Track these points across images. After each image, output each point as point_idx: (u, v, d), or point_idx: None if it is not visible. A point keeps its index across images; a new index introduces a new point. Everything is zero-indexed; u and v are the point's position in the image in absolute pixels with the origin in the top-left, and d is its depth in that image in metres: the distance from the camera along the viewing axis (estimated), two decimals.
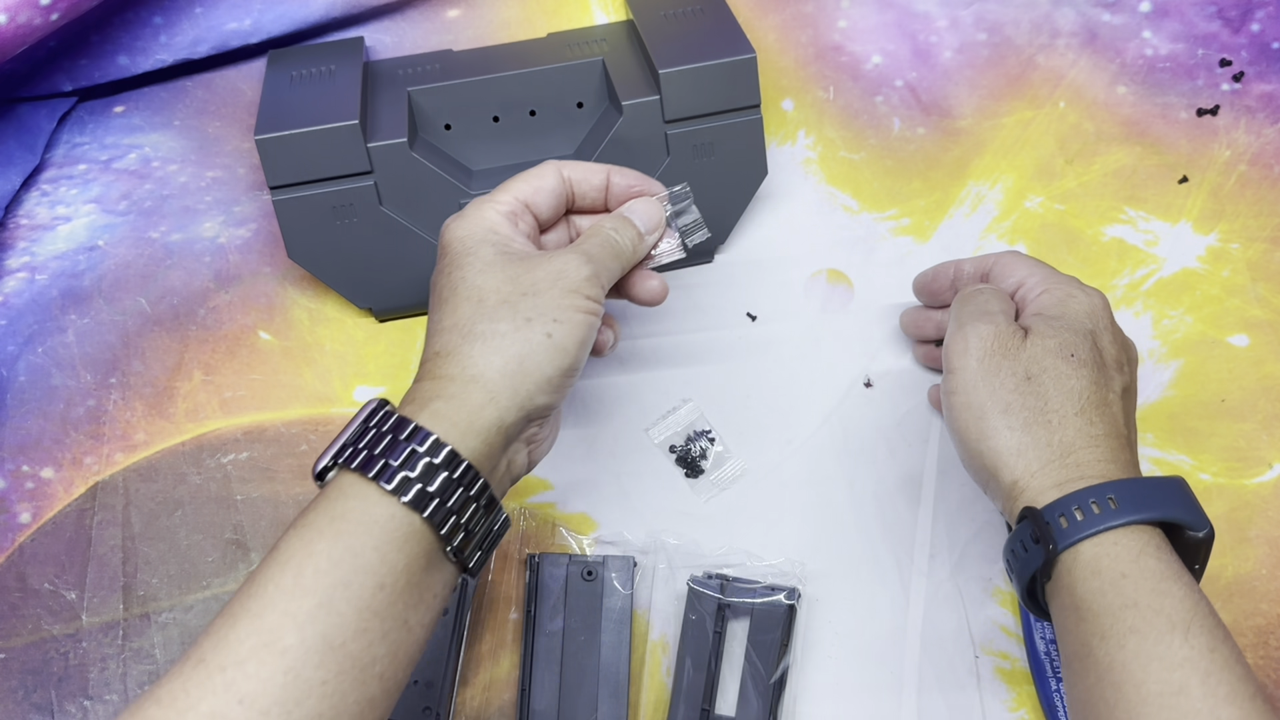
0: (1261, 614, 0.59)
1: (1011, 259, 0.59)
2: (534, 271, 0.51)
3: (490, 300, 0.50)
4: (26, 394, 0.66)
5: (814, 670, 0.58)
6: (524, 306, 0.49)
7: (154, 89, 0.75)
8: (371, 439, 0.46)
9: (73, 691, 0.58)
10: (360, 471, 0.45)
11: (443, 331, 0.50)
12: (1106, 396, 0.52)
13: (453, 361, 0.48)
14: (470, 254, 0.51)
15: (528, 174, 0.56)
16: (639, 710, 0.58)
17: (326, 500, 0.45)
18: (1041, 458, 0.50)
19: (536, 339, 0.49)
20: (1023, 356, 0.52)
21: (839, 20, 0.77)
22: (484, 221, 0.53)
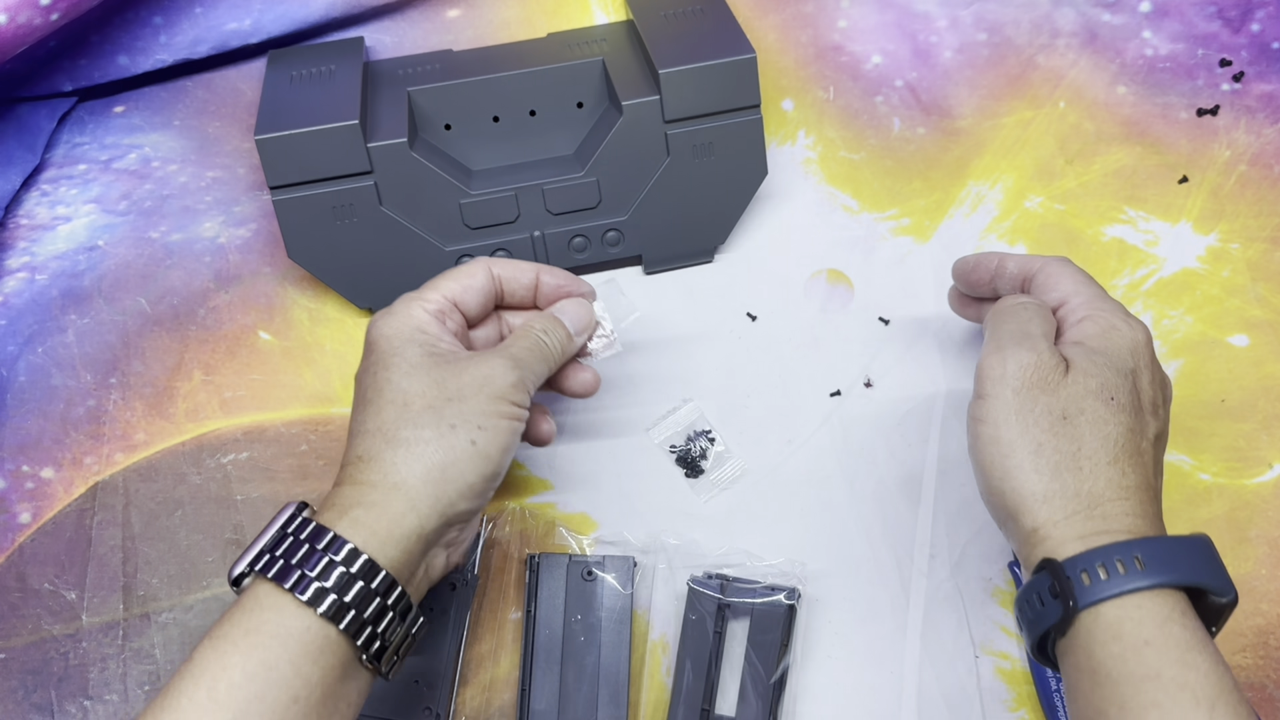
0: (1261, 614, 0.59)
1: (1059, 269, 0.55)
2: (460, 376, 0.51)
3: (415, 405, 0.49)
4: (26, 394, 0.66)
5: (814, 670, 0.58)
6: (448, 413, 0.49)
7: (154, 89, 0.75)
8: (289, 547, 0.46)
9: (73, 691, 0.58)
10: (276, 581, 0.45)
11: (366, 435, 0.50)
12: (1140, 444, 0.49)
13: (374, 467, 0.48)
14: (396, 354, 0.51)
15: (457, 272, 0.56)
16: (639, 710, 0.58)
17: (241, 611, 0.44)
18: (1068, 507, 0.47)
19: (460, 446, 0.49)
20: (1062, 394, 0.49)
21: (839, 20, 0.77)
22: (411, 320, 0.53)
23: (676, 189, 0.68)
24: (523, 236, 0.68)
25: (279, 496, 0.63)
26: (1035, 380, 0.49)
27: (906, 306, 0.69)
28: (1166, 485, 0.62)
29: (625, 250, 0.69)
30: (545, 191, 0.67)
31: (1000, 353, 0.51)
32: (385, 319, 0.53)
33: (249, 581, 0.46)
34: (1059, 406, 0.49)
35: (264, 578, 0.45)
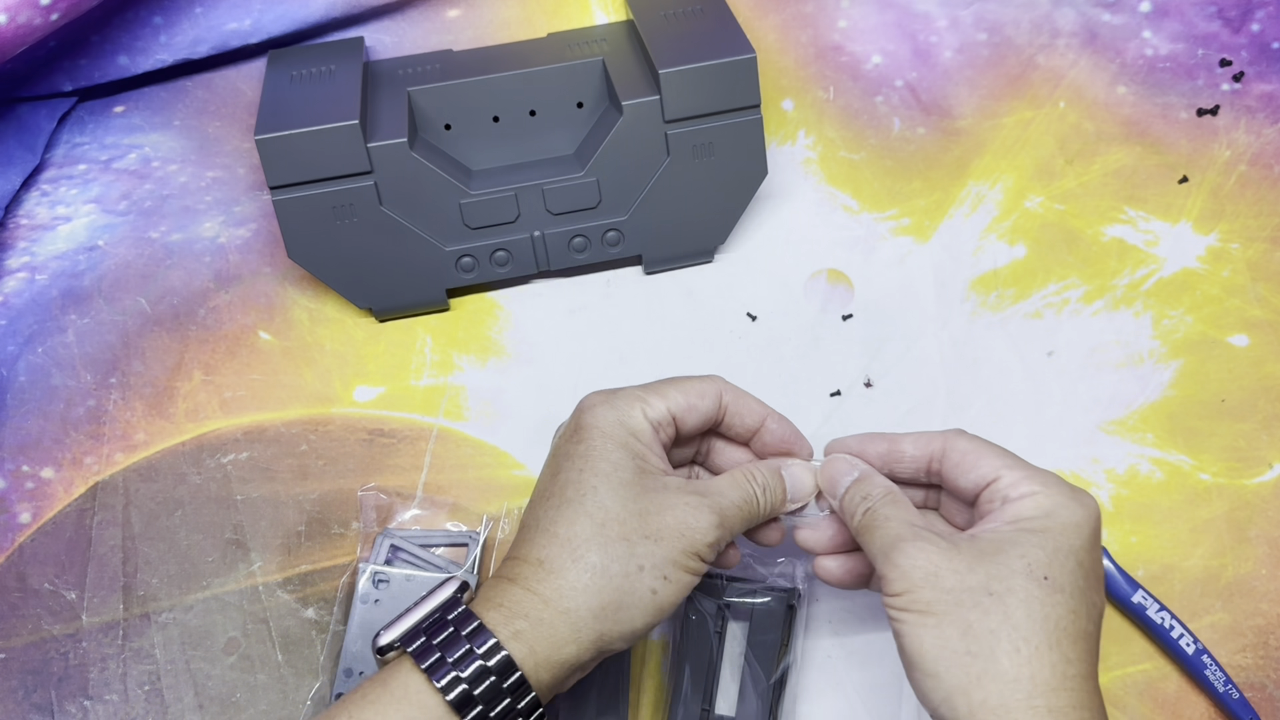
0: (1261, 614, 0.59)
1: (972, 447, 0.50)
2: (662, 515, 0.49)
3: (611, 531, 0.48)
4: (26, 394, 0.66)
5: (814, 670, 0.58)
6: (640, 552, 0.48)
7: (154, 89, 0.75)
8: (448, 638, 0.46)
9: (73, 691, 0.58)
10: (427, 674, 0.45)
11: (554, 539, 0.48)
12: (1087, 628, 0.45)
13: (551, 583, 0.47)
14: (608, 459, 0.49)
15: (688, 386, 0.53)
16: (639, 710, 0.58)
17: (389, 696, 0.45)
18: (1009, 699, 0.43)
19: (640, 592, 0.48)
20: (978, 573, 0.44)
21: (839, 20, 0.77)
22: (631, 422, 0.51)
23: (676, 189, 0.68)
24: (523, 237, 0.68)
25: (279, 496, 0.63)
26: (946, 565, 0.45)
27: (906, 306, 0.69)
28: (1166, 485, 0.62)
29: (625, 250, 0.69)
30: (545, 191, 0.67)
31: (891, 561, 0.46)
32: (606, 409, 0.51)
33: (395, 656, 0.47)
34: (978, 583, 0.44)
35: (416, 665, 0.46)
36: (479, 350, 0.68)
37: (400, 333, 0.69)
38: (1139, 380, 0.65)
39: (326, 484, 0.63)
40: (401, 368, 0.67)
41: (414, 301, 0.69)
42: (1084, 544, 0.46)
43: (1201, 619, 0.59)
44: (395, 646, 0.47)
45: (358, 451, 0.64)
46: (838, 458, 0.53)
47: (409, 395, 0.66)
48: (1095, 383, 0.66)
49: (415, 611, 0.48)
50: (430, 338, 0.69)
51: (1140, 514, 0.62)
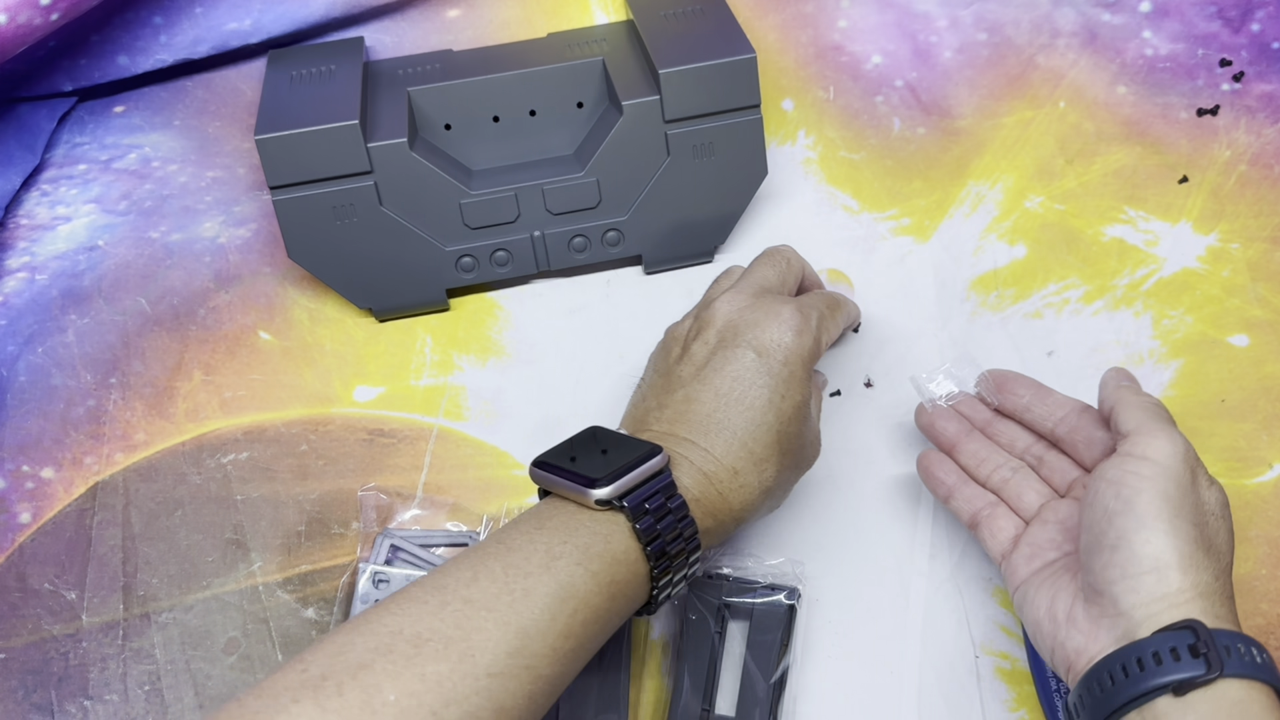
0: (1261, 614, 0.59)
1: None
2: (808, 448, 0.57)
3: (787, 459, 0.54)
4: (26, 394, 0.66)
5: (814, 670, 0.58)
6: (790, 479, 0.56)
7: (154, 89, 0.75)
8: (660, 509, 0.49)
9: (73, 691, 0.58)
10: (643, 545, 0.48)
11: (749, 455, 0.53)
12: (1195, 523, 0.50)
13: (740, 496, 0.53)
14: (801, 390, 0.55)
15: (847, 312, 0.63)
16: (639, 710, 0.58)
17: (610, 557, 0.48)
18: (1206, 584, 0.47)
19: (771, 505, 0.56)
20: (1201, 491, 0.50)
21: (839, 20, 0.77)
22: (818, 352, 0.57)
23: (676, 189, 0.68)
24: (523, 236, 0.68)
25: (279, 496, 0.63)
26: (1195, 465, 0.50)
27: (906, 306, 0.69)
28: None
29: (625, 250, 0.69)
30: (545, 191, 0.67)
31: (1171, 432, 0.50)
32: (807, 337, 0.56)
33: (613, 515, 0.49)
34: (1198, 500, 0.49)
35: (634, 531, 0.48)
36: (479, 350, 0.68)
37: (400, 333, 0.69)
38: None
39: (326, 484, 0.63)
40: (401, 368, 0.67)
41: (414, 301, 0.69)
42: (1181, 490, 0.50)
43: None
44: (615, 503, 0.49)
45: (358, 451, 0.64)
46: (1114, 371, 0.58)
47: (409, 395, 0.66)
48: (1095, 383, 0.65)
49: (636, 473, 0.49)
50: (430, 338, 0.69)
51: None
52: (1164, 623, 0.46)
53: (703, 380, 0.54)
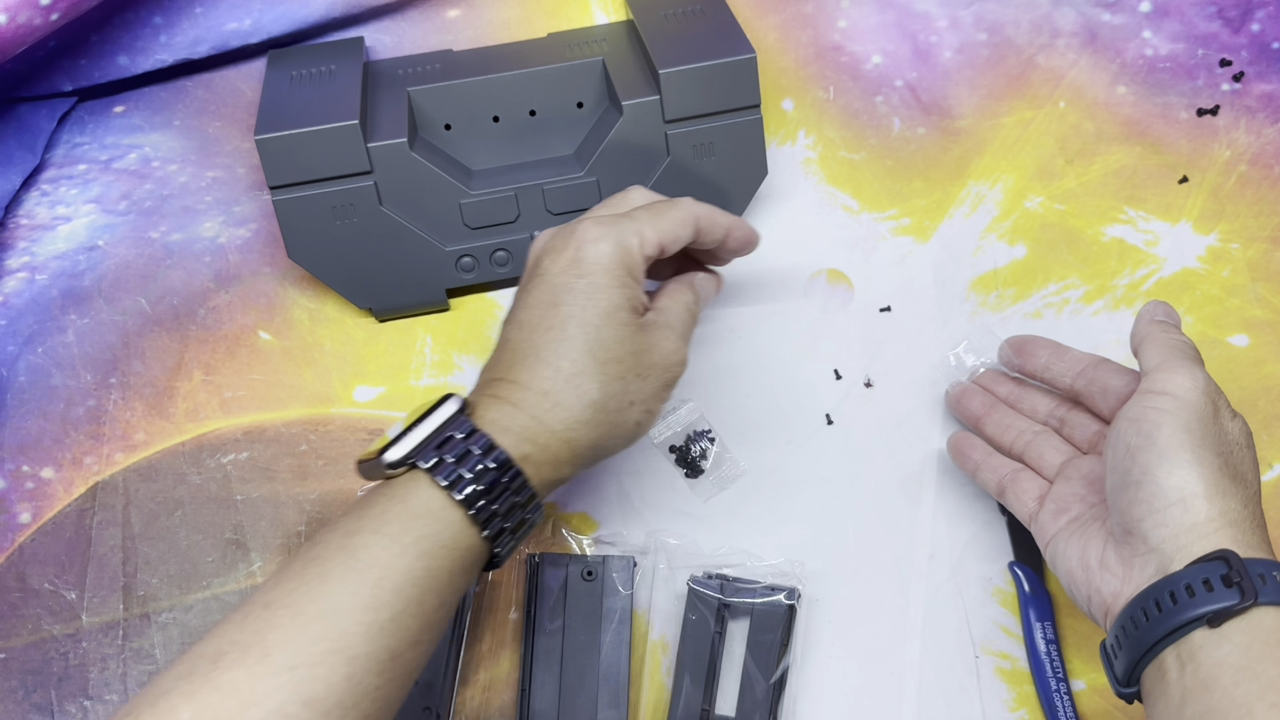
0: None
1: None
2: (650, 352, 0.52)
3: (611, 369, 0.51)
4: (26, 394, 0.66)
5: (814, 670, 0.58)
6: (632, 389, 0.51)
7: (154, 89, 0.75)
8: (461, 455, 0.47)
9: (73, 691, 0.58)
10: (447, 490, 0.46)
11: (557, 372, 0.50)
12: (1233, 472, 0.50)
13: (556, 415, 0.50)
14: (609, 297, 0.51)
15: (672, 214, 0.54)
16: (639, 710, 0.58)
17: (410, 513, 0.46)
18: (1236, 512, 0.48)
19: (628, 424, 0.52)
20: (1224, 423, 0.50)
21: (839, 20, 0.77)
22: (631, 259, 0.52)
23: (676, 189, 0.68)
24: (523, 236, 0.68)
25: (279, 496, 0.63)
26: (1216, 398, 0.50)
27: (906, 307, 0.69)
28: None
29: None
30: (545, 191, 0.67)
31: (1191, 368, 0.51)
32: (607, 245, 0.52)
33: (404, 473, 0.47)
34: (1220, 431, 0.49)
35: (434, 480, 0.46)
36: (479, 350, 0.68)
37: (400, 333, 0.69)
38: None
39: (326, 484, 0.63)
40: (401, 368, 0.67)
41: (414, 301, 0.69)
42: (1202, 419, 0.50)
43: None
44: (407, 463, 0.47)
45: (357, 451, 0.64)
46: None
47: (409, 395, 0.66)
48: None
49: (421, 427, 0.48)
50: (430, 338, 0.69)
51: None
52: (1197, 554, 0.46)
53: (511, 318, 0.53)
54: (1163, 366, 0.51)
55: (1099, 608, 0.50)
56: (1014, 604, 0.60)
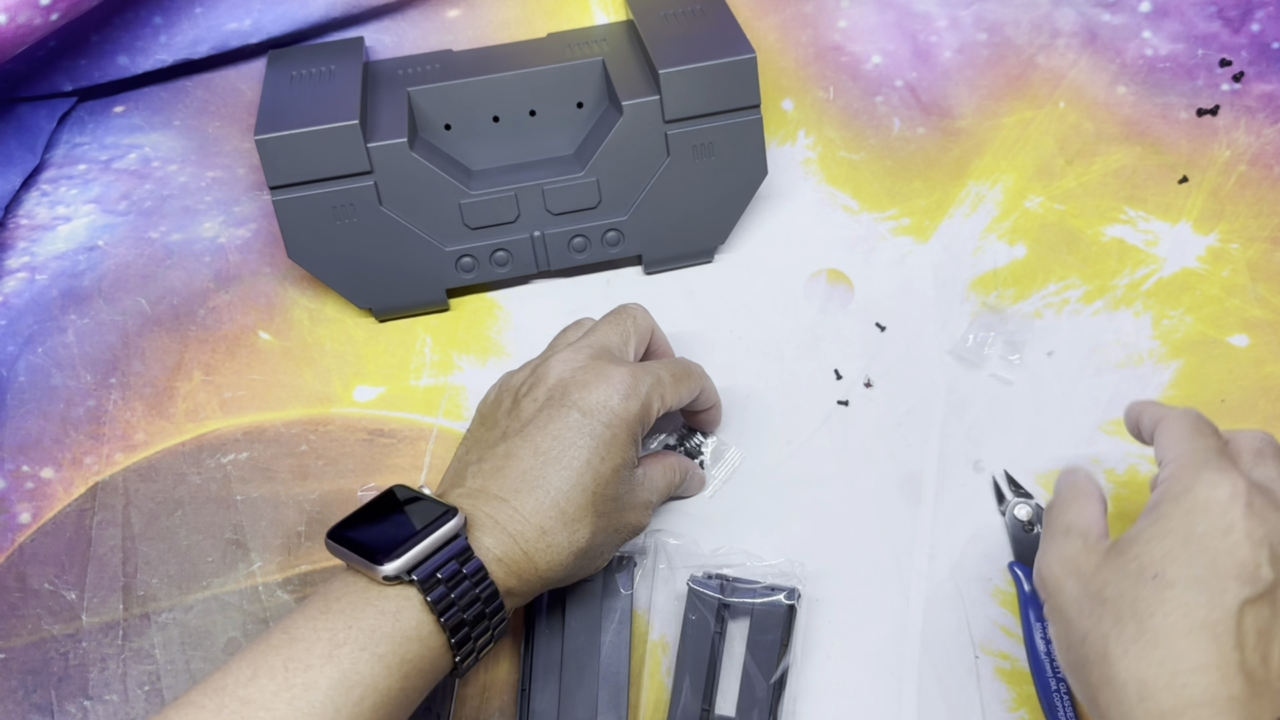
0: None
1: (1169, 426, 0.49)
2: (632, 512, 0.55)
3: (603, 522, 0.53)
4: (26, 394, 0.66)
5: (814, 670, 0.58)
6: (609, 541, 0.54)
7: (154, 89, 0.75)
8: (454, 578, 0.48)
9: (73, 691, 0.58)
10: (437, 616, 0.47)
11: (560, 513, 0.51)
12: (1208, 617, 0.42)
13: (547, 556, 0.51)
14: (620, 452, 0.53)
15: (690, 385, 0.58)
16: (639, 710, 0.58)
17: (400, 635, 0.46)
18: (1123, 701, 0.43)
19: (589, 569, 0.54)
20: (1098, 578, 0.45)
21: (839, 20, 0.77)
22: (647, 418, 0.55)
23: (676, 189, 0.68)
24: (523, 237, 0.68)
25: (279, 496, 0.63)
26: (1073, 570, 0.47)
27: (906, 307, 0.69)
28: None
29: (625, 250, 0.69)
30: (545, 191, 0.67)
31: (1043, 552, 0.49)
32: (632, 402, 0.53)
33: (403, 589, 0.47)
34: (1096, 589, 0.45)
35: (426, 604, 0.47)
36: (479, 350, 0.68)
37: (400, 333, 0.69)
38: (1139, 380, 0.65)
39: (326, 484, 0.63)
40: (401, 368, 0.67)
41: (414, 301, 0.69)
42: (1206, 531, 0.44)
43: None
44: (403, 578, 0.47)
45: (358, 451, 0.64)
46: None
47: (409, 395, 0.66)
48: (1095, 383, 0.66)
49: (423, 543, 0.48)
50: (430, 338, 0.69)
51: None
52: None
53: (525, 437, 0.52)
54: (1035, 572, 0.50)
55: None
56: (1014, 604, 0.60)
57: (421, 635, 0.47)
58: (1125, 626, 0.43)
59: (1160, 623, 0.43)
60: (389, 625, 0.46)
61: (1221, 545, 0.44)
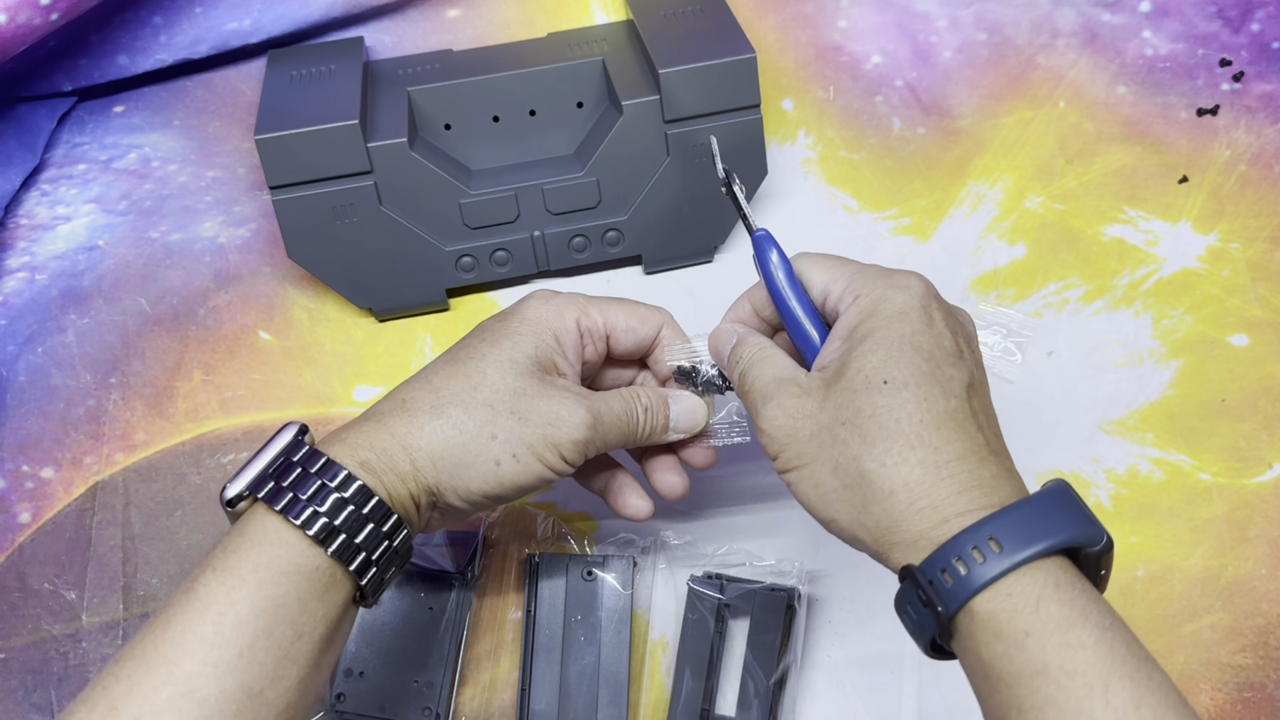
0: (1261, 614, 0.59)
1: (816, 263, 0.50)
2: (535, 399, 0.49)
3: (480, 395, 0.49)
4: (26, 394, 0.66)
5: (814, 670, 0.58)
6: (499, 422, 0.48)
7: (154, 89, 0.75)
8: (297, 478, 0.45)
9: (73, 691, 0.58)
10: (283, 514, 0.44)
11: (425, 385, 0.49)
12: (946, 407, 0.43)
13: (402, 419, 0.48)
14: (518, 345, 0.50)
15: (635, 308, 0.54)
16: (639, 710, 0.58)
17: (247, 543, 0.44)
18: (893, 511, 0.43)
19: (484, 458, 0.48)
20: (828, 408, 0.45)
21: (839, 20, 0.77)
22: (561, 323, 0.51)
23: (676, 189, 0.68)
24: (523, 236, 0.68)
25: None
26: (798, 412, 0.46)
27: None
28: (1166, 485, 0.62)
29: (625, 250, 0.69)
30: (545, 191, 0.67)
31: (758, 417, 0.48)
32: (543, 304, 0.52)
33: (246, 506, 0.45)
34: (828, 419, 0.45)
35: (270, 508, 0.44)
36: None
37: (400, 333, 0.69)
38: (1139, 380, 0.65)
39: None
40: (401, 368, 0.67)
41: (414, 301, 0.69)
42: (916, 328, 0.45)
43: (1201, 619, 0.59)
44: (245, 496, 0.45)
45: None
46: (721, 328, 0.53)
47: None
48: (1095, 383, 0.66)
49: (258, 460, 0.46)
50: (430, 338, 0.69)
51: (1140, 514, 0.62)
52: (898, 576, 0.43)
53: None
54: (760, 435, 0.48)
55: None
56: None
57: (268, 535, 0.44)
58: (874, 439, 0.43)
59: (908, 424, 0.43)
60: (234, 540, 0.44)
61: (931, 339, 0.45)
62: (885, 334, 0.45)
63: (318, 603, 0.44)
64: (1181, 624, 0.58)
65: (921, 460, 0.42)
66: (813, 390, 0.46)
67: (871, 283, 0.47)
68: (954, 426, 0.43)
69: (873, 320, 0.46)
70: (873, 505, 0.43)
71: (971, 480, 0.42)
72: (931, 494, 0.42)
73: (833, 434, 0.44)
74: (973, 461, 0.43)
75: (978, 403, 0.45)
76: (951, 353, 0.45)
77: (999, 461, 0.43)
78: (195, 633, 0.41)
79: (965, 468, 0.42)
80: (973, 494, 0.42)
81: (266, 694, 0.42)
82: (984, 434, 0.44)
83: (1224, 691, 0.57)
